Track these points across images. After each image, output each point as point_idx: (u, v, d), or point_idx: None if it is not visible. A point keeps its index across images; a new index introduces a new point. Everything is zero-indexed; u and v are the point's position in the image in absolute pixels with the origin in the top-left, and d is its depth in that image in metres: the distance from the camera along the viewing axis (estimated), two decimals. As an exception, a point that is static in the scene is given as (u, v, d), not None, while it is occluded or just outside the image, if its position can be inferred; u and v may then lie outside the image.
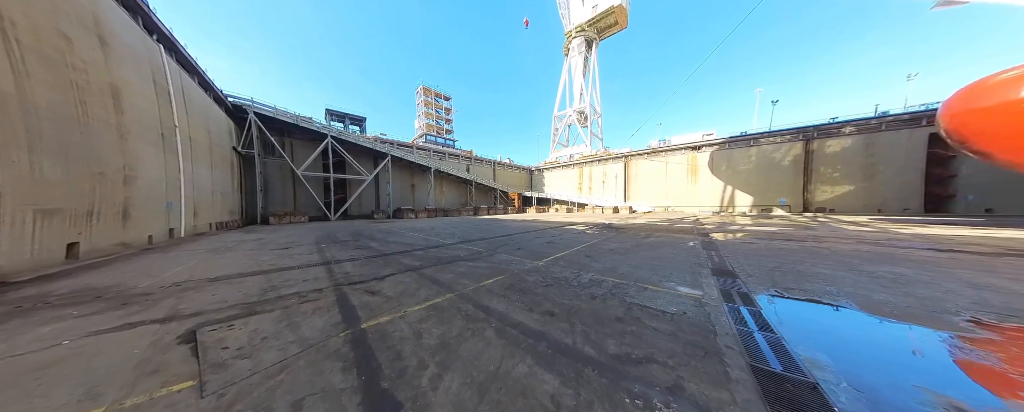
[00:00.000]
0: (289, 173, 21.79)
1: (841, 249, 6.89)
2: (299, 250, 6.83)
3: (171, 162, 10.11)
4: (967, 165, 21.67)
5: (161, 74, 10.04)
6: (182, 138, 10.85)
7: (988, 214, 21.14)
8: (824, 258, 5.90)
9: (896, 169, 23.84)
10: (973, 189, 21.88)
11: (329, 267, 4.90)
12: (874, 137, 24.95)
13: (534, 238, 9.12)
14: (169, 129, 10.10)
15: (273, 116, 19.85)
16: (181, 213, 10.62)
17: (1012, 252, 6.25)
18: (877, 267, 5.02)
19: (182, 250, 7.27)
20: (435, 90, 46.06)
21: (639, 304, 3.22)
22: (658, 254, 6.46)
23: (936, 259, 5.59)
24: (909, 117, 24.07)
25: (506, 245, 7.59)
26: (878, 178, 24.61)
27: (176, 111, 10.48)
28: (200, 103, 13.39)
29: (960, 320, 2.84)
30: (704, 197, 32.94)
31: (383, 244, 7.87)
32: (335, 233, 11.34)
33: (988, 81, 10.34)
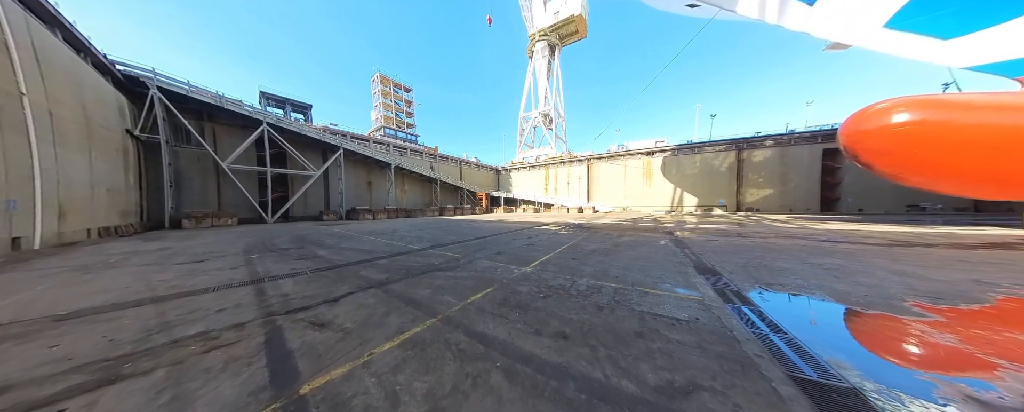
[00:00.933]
0: (212, 166, 18.08)
1: (784, 245, 7.65)
2: (218, 264, 5.27)
3: (13, 144, 7.33)
4: (848, 175, 27.46)
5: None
6: (35, 111, 7.98)
7: (861, 213, 26.74)
8: (778, 253, 6.48)
9: (801, 177, 29.05)
10: (851, 194, 27.70)
11: (260, 287, 3.70)
12: (787, 150, 29.86)
13: (512, 240, 8.56)
14: (8, 97, 7.30)
15: (186, 94, 16.17)
16: (35, 215, 7.80)
17: (896, 243, 7.88)
18: (821, 259, 5.68)
19: (30, 269, 5.16)
20: (394, 79, 42.65)
21: (649, 312, 2.95)
22: (639, 254, 6.41)
23: (853, 251, 6.58)
24: (809, 135, 29.31)
25: (484, 249, 6.90)
26: (790, 184, 29.61)
27: (21, 73, 7.65)
28: (68, 67, 10.13)
29: (909, 305, 3.21)
30: (658, 198, 35.98)
31: (335, 252, 6.58)
32: (272, 239, 9.44)
33: (870, 109, 12.60)
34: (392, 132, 40.14)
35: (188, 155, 17.54)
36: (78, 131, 10.15)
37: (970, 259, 5.62)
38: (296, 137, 21.42)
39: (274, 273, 4.45)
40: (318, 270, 4.63)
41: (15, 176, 7.29)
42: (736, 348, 2.25)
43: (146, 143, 15.50)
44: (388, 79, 42.18)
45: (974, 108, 10.86)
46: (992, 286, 3.87)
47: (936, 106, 11.36)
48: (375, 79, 41.52)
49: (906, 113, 11.49)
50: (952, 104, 11.29)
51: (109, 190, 11.91)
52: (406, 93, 44.65)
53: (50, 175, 8.49)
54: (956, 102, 11.35)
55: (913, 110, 11.44)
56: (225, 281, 3.99)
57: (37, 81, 8.36)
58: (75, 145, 9.94)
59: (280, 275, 4.31)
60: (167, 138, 15.80)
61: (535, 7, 44.93)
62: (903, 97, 12.37)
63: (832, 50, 16.52)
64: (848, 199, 27.72)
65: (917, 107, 11.51)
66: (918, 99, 11.95)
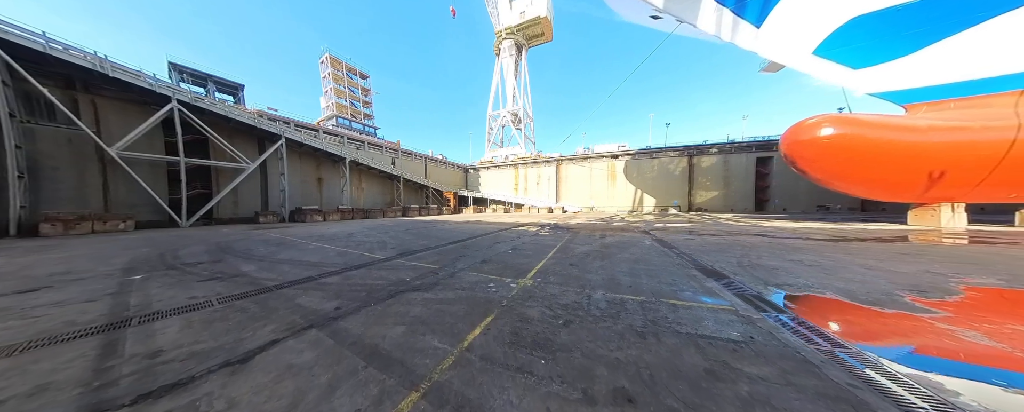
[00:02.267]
0: (94, 152, 14.02)
1: (755, 242, 8.09)
2: (65, 294, 3.48)
3: None
4: (775, 179, 32.07)
5: None
6: None
7: (785, 212, 31.36)
8: (757, 250, 6.76)
9: (740, 181, 33.20)
10: (778, 196, 32.45)
11: (118, 336, 2.31)
12: (728, 157, 33.79)
13: (493, 244, 7.71)
14: None
15: (43, 51, 12.15)
16: None
17: (837, 238, 8.83)
18: (797, 255, 5.96)
19: None
20: (347, 63, 38.18)
21: (698, 334, 2.46)
22: (634, 256, 6.11)
23: (813, 246, 7.18)
24: (746, 145, 33.55)
25: (465, 256, 5.95)
26: (731, 187, 33.59)
27: None
28: None
29: (908, 299, 3.29)
30: (621, 199, 38.13)
31: (267, 266, 5.06)
32: (179, 249, 7.26)
33: (805, 122, 14.41)
34: (347, 122, 36.10)
35: (52, 136, 13.30)
36: None
37: (903, 251, 6.42)
38: (222, 121, 17.74)
39: (158, 307, 2.99)
40: (233, 298, 3.25)
41: None
42: (823, 378, 1.87)
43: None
44: (340, 62, 37.64)
45: (876, 127, 12.99)
46: (945, 277, 4.23)
47: (850, 123, 13.34)
48: (324, 61, 36.72)
49: (830, 127, 13.32)
50: (861, 122, 13.33)
51: (-97, 182, 8.23)
52: (363, 80, 40.45)
53: None
54: (864, 121, 13.42)
55: (836, 125, 13.30)
56: (57, 328, 2.49)
57: None
58: None
59: (167, 310, 2.87)
60: (11, 110, 11.71)
61: (500, 4, 44.29)
62: (828, 114, 14.41)
63: (767, 71, 18.79)
64: (775, 200, 32.50)
65: (838, 123, 13.40)
66: (838, 117, 14.01)
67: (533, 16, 42.86)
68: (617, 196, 38.45)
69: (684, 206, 34.65)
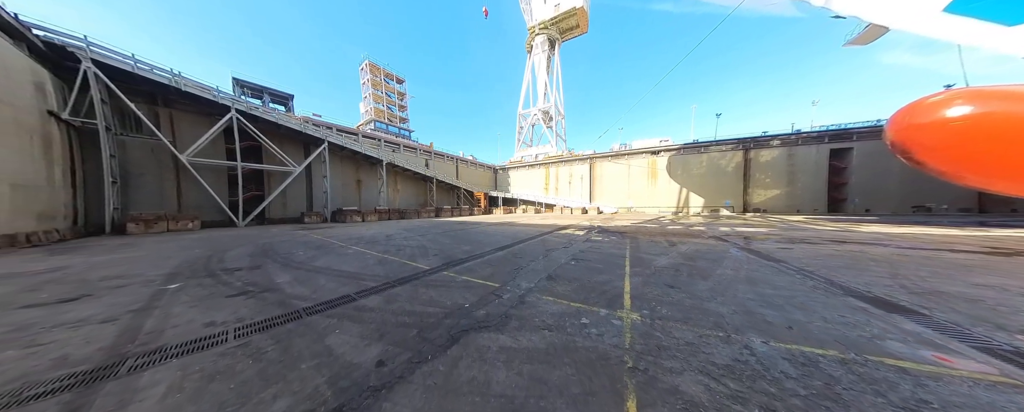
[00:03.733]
0: (171, 160, 15.40)
1: (881, 254, 6.23)
2: (89, 310, 3.03)
3: None
4: (855, 175, 27.16)
5: None
6: None
7: (868, 213, 26.42)
8: (902, 266, 5.10)
9: (809, 177, 28.53)
10: (857, 194, 27.37)
11: (100, 388, 1.62)
12: (794, 150, 29.23)
13: (546, 252, 6.59)
14: None
15: (132, 71, 13.47)
16: None
17: (997, 250, 6.56)
18: (981, 278, 4.29)
19: None
20: (385, 69, 39.62)
21: None
22: (739, 273, 4.69)
23: (986, 263, 5.32)
24: (816, 135, 28.76)
25: (521, 269, 4.91)
26: (797, 184, 28.99)
27: None
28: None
29: None
30: (663, 198, 34.85)
31: (303, 277, 4.45)
32: (227, 251, 7.17)
33: (924, 101, 11.28)
34: (383, 126, 37.46)
35: (139, 146, 14.81)
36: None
37: None
38: (273, 128, 18.83)
39: (167, 339, 2.32)
40: (253, 329, 2.51)
41: None
42: None
43: (81, 130, 12.78)
44: (378, 68, 39.20)
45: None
46: None
47: (994, 98, 10.10)
48: (363, 68, 38.48)
49: (965, 105, 10.17)
50: (1010, 96, 10.04)
51: (16, 186, 9.32)
52: (399, 84, 41.79)
53: None
54: (1014, 93, 10.12)
55: (975, 102, 10.12)
56: (39, 371, 1.85)
57: None
58: (-47, 125, 7.39)
59: (172, 348, 2.17)
60: (108, 124, 13.12)
61: (534, 0, 43.10)
62: (959, 89, 11.18)
63: (855, 43, 15.40)
64: (854, 200, 27.47)
65: (978, 99, 10.20)
66: (976, 91, 10.71)
67: (569, 7, 41.04)
68: (658, 196, 35.18)
69: (738, 206, 30.64)
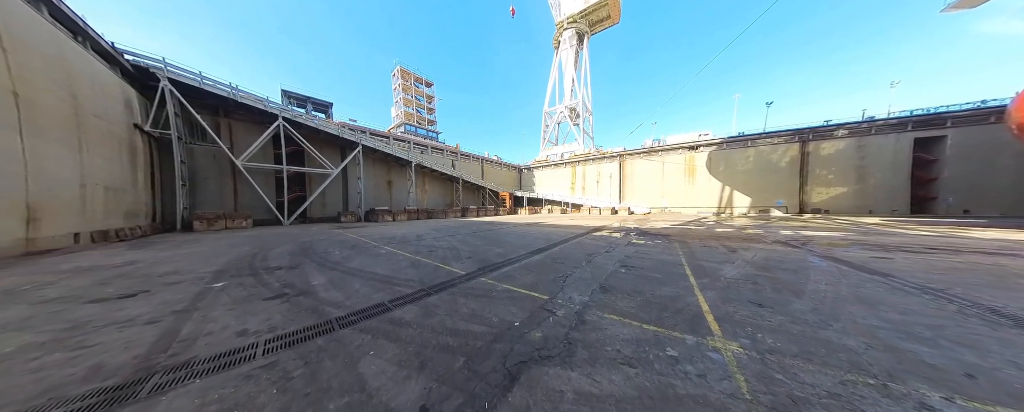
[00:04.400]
0: (228, 165, 16.91)
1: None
2: (139, 309, 3.10)
3: (-49, 129, 5.72)
4: (949, 169, 22.70)
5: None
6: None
7: (967, 215, 21.98)
8: None
9: (885, 172, 24.44)
10: (952, 192, 22.83)
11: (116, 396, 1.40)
12: (865, 140, 25.24)
13: (588, 256, 5.96)
14: (-54, 70, 5.70)
15: (199, 86, 14.97)
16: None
17: None
18: None
19: None
20: (415, 73, 41.08)
21: None
22: (839, 288, 3.80)
23: None
24: (896, 122, 24.56)
25: (566, 276, 4.37)
26: (870, 180, 25.01)
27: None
28: (49, 47, 8.74)
29: None
30: (702, 198, 32.06)
31: (337, 279, 4.31)
32: (271, 249, 7.46)
33: None
34: (412, 129, 38.75)
35: (203, 153, 16.46)
36: (62, 121, 8.75)
37: None
38: (314, 133, 20.07)
39: (198, 350, 2.15)
40: (284, 343, 2.27)
41: (-50, 170, 5.68)
42: None
43: (159, 140, 14.44)
44: (409, 73, 40.71)
45: None
46: None
47: None
48: (395, 73, 40.16)
49: None
50: None
51: (109, 189, 10.61)
52: (427, 87, 43.06)
53: (12, 171, 6.97)
54: None
55: None
56: (65, 383, 1.72)
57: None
58: (58, 137, 8.52)
59: (200, 363, 1.96)
60: (180, 134, 14.67)
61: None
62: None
63: (958, 8, 12.76)
64: (948, 199, 23.01)
65: None
66: None
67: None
68: (696, 195, 32.38)
69: (792, 206, 27.16)
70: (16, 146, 7.16)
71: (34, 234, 7.50)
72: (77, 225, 8.96)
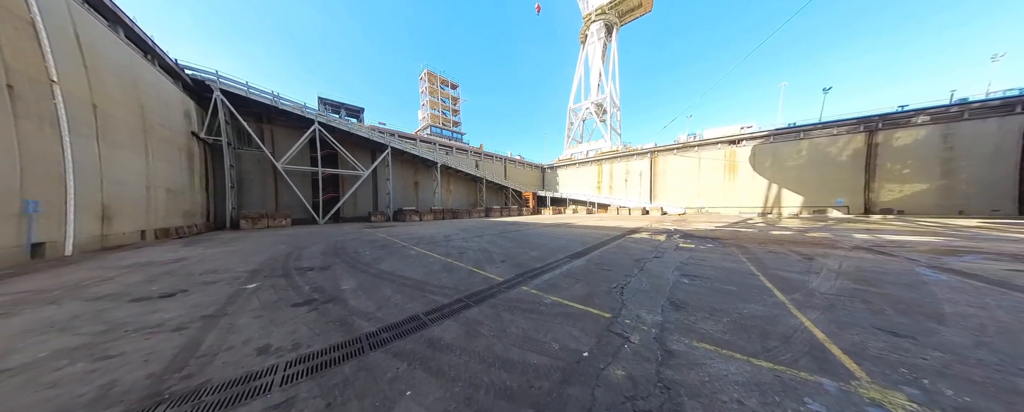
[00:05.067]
0: (270, 168, 18.06)
1: None
2: (174, 310, 3.01)
3: (38, 137, 6.35)
4: None
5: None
6: (70, 103, 7.10)
7: None
8: None
9: (981, 165, 20.52)
10: None
11: None
12: (954, 127, 21.40)
13: (637, 263, 5.28)
14: (31, 83, 6.33)
15: (246, 95, 16.10)
16: (66, 218, 6.86)
17: None
18: None
19: None
20: (441, 75, 41.91)
21: None
22: (998, 315, 2.77)
23: None
24: (999, 103, 20.50)
25: (621, 285, 3.78)
26: (959, 175, 21.15)
27: (51, 57, 6.72)
28: (123, 64, 9.64)
29: None
30: (744, 197, 29.24)
31: (368, 283, 4.07)
32: (305, 249, 7.57)
33: None
34: (438, 130, 39.49)
35: (249, 157, 17.70)
36: (132, 130, 9.62)
37: None
38: (346, 137, 20.92)
39: (216, 369, 1.88)
40: (307, 367, 1.94)
41: (38, 174, 6.30)
42: None
43: (212, 146, 15.70)
44: (435, 76, 41.58)
45: None
46: None
47: None
48: (422, 77, 41.21)
49: None
50: None
51: (170, 191, 11.59)
52: (453, 90, 43.75)
53: (89, 174, 7.69)
54: None
55: None
56: (74, 407, 1.50)
57: (77, 72, 7.58)
58: (128, 144, 9.37)
59: (214, 388, 1.68)
60: (230, 141, 15.86)
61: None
62: None
63: None
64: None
65: None
66: None
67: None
68: (738, 193, 29.58)
69: (855, 206, 23.79)
70: (94, 152, 7.90)
71: (107, 231, 8.25)
72: (143, 223, 9.81)
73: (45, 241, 6.40)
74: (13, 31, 6.01)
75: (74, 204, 7.04)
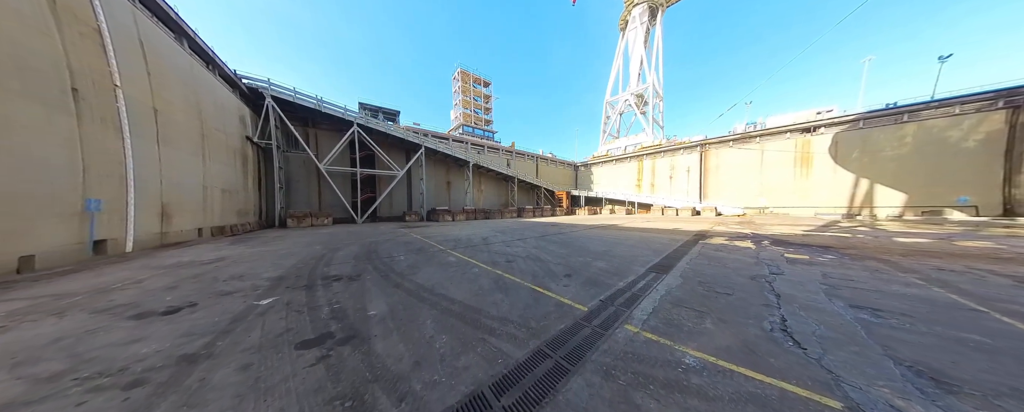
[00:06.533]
0: (314, 169, 18.83)
1: None
2: (185, 324, 2.36)
3: (101, 138, 6.56)
4: None
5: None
6: (132, 107, 7.36)
7: None
8: None
9: None
10: None
11: None
12: None
13: (751, 278, 3.77)
14: (98, 87, 6.55)
15: (293, 100, 16.85)
16: (128, 216, 7.09)
17: None
18: None
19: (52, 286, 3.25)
20: (474, 74, 41.85)
21: None
22: None
23: None
24: None
25: (781, 325, 2.42)
26: None
27: (115, 63, 6.96)
28: (184, 71, 10.16)
29: None
30: (822, 195, 24.67)
31: (402, 308, 3.17)
32: (339, 250, 7.09)
33: None
34: (470, 129, 39.45)
35: (296, 159, 18.60)
36: (191, 133, 10.11)
37: None
38: (383, 138, 21.26)
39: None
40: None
41: (101, 174, 6.50)
42: None
43: (264, 149, 16.65)
44: (468, 74, 41.63)
45: None
46: None
47: None
48: (456, 76, 41.50)
49: None
50: None
51: (225, 191, 12.20)
52: (485, 87, 43.54)
53: (150, 174, 8.00)
54: None
55: None
56: None
57: (139, 77, 7.92)
58: (187, 147, 9.83)
59: None
60: (279, 144, 16.69)
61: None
62: None
63: None
64: None
65: None
66: None
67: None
68: (813, 190, 25.04)
69: (988, 205, 18.64)
70: (154, 154, 8.25)
71: (167, 229, 8.60)
72: (200, 221, 10.27)
73: (107, 238, 6.61)
74: (78, 36, 6.22)
75: (135, 203, 7.28)
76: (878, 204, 22.47)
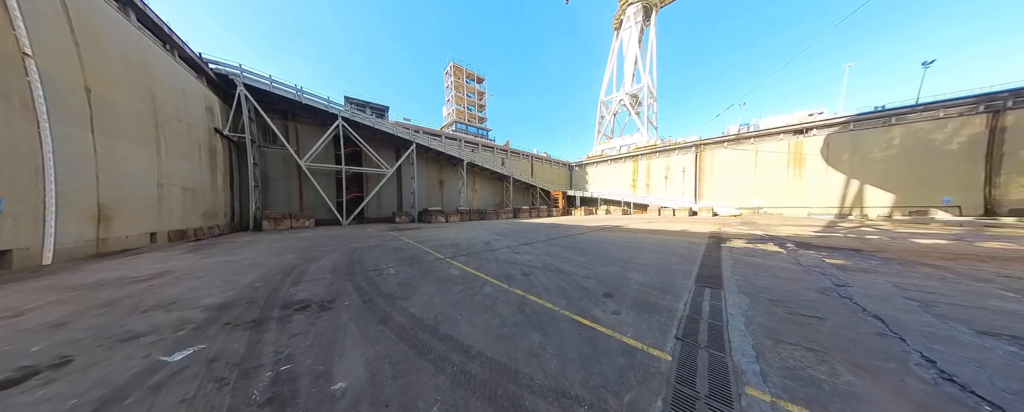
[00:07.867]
0: (295, 167, 17.26)
1: None
2: (60, 387, 1.32)
3: (1, 120, 5.16)
4: None
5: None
6: (53, 84, 5.95)
7: None
8: None
9: None
10: None
11: None
12: None
13: (821, 291, 2.96)
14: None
15: (269, 90, 15.24)
16: (45, 219, 5.69)
17: None
18: None
19: None
20: (467, 69, 40.50)
21: None
22: None
23: None
24: None
25: (889, 353, 1.53)
26: None
27: (24, 26, 5.55)
28: (128, 47, 8.64)
29: None
30: (815, 195, 24.95)
31: (395, 330, 2.20)
32: (312, 263, 5.93)
33: None
34: (464, 127, 38.13)
35: (274, 156, 16.99)
36: (139, 121, 8.62)
37: None
38: (371, 133, 19.81)
39: None
40: None
41: (2, 166, 5.10)
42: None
43: (237, 143, 15.02)
44: (461, 69, 40.21)
45: None
46: None
47: None
48: (448, 71, 39.96)
49: None
50: None
51: (187, 190, 10.68)
52: (478, 84, 42.19)
53: (79, 168, 6.57)
54: None
55: None
56: None
57: (63, 48, 6.47)
58: (134, 137, 8.35)
59: None
60: (254, 138, 15.10)
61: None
62: None
63: None
64: None
65: None
66: None
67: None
68: (806, 192, 25.33)
69: (970, 205, 19.15)
70: (87, 143, 6.81)
71: (106, 234, 7.16)
72: (153, 225, 8.80)
73: (12, 248, 5.22)
74: (-33, -13, 4.83)
75: (56, 203, 5.88)
76: (868, 204, 22.82)
